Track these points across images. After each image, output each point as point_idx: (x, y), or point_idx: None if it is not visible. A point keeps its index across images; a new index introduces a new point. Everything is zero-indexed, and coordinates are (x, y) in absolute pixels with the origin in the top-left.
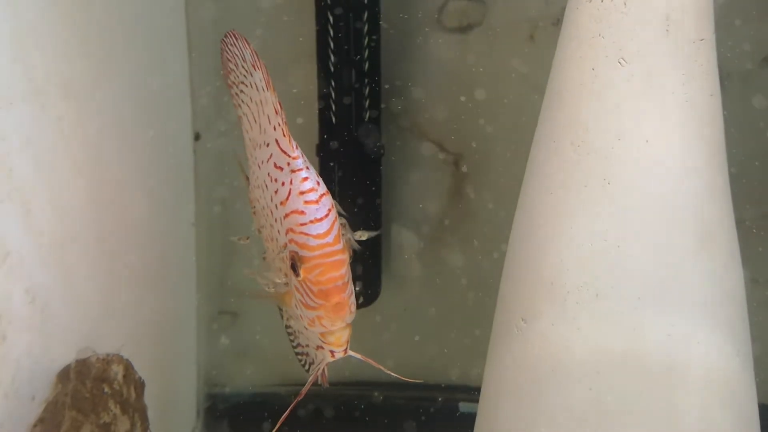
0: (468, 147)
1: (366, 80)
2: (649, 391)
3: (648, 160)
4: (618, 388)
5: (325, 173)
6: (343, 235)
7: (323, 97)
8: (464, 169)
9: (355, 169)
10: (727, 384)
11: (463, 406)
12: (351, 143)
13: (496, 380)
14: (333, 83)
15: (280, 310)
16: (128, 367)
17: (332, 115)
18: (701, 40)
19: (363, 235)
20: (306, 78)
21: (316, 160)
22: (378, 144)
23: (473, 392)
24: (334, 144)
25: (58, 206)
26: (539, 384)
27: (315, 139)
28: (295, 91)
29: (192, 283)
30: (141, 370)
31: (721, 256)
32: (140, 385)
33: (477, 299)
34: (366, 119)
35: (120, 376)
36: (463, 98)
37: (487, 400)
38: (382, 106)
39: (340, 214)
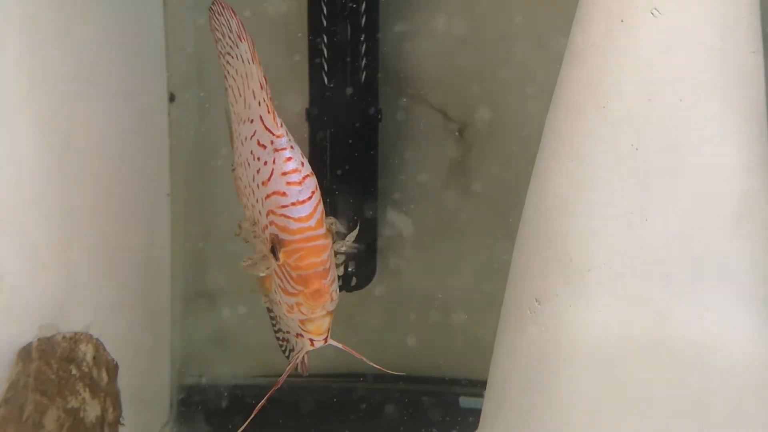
0: (475, 114)
1: (363, 37)
2: (675, 381)
3: (682, 123)
4: (641, 376)
5: (314, 140)
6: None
7: (314, 55)
8: (470, 138)
9: (349, 137)
10: (764, 373)
11: (464, 401)
12: (345, 108)
13: (505, 367)
14: (326, 39)
15: (264, 294)
16: (98, 347)
17: (324, 76)
18: None
19: (333, 224)
20: (295, 33)
21: (305, 125)
22: (375, 109)
23: (476, 386)
24: (325, 108)
25: (17, 166)
26: (554, 371)
27: (305, 102)
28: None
29: (166, 260)
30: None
31: (760, 232)
32: (113, 367)
33: (483, 282)
34: (362, 81)
35: (89, 357)
36: (470, 60)
37: (496, 389)
38: (381, 66)
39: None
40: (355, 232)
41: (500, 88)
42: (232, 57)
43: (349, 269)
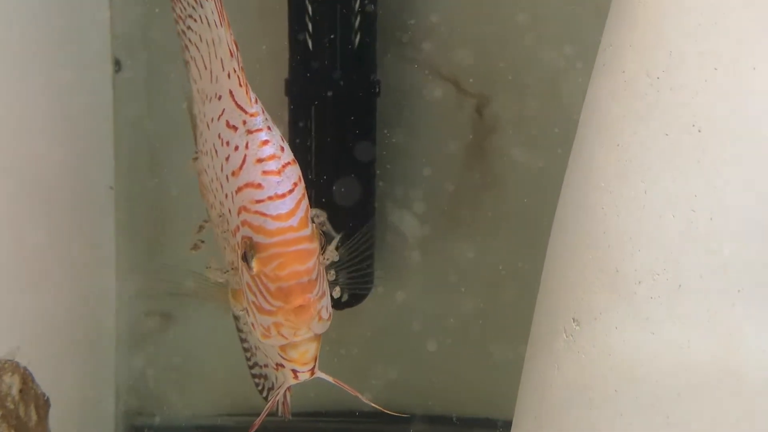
0: (497, 87)
1: None
2: (749, 420)
3: (756, 97)
4: (707, 415)
5: (297, 119)
6: (314, 220)
7: (297, 13)
8: (491, 117)
9: (340, 115)
10: None
11: None
12: (334, 79)
13: (535, 406)
14: None
15: (236, 318)
16: (26, 378)
17: (308, 39)
18: None
19: (320, 216)
20: None
21: (286, 101)
22: (372, 80)
23: (498, 427)
24: (310, 79)
25: None
26: (597, 410)
27: (284, 71)
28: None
29: (109, 269)
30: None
31: None
32: (44, 404)
33: (505, 297)
34: (356, 45)
35: (15, 390)
36: (492, 18)
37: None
38: (379, 26)
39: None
40: (335, 242)
41: (530, 53)
42: (195, 20)
43: (339, 281)
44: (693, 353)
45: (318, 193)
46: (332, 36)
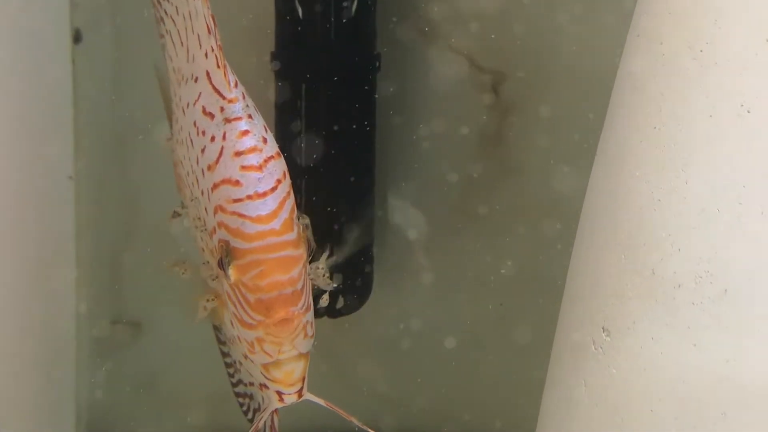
0: (514, 63)
1: None
2: None
3: None
4: None
5: (283, 102)
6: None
7: None
8: (509, 96)
9: (333, 94)
10: None
11: None
12: (327, 51)
13: (559, 427)
14: None
15: (216, 329)
16: None
17: (298, 5)
18: None
19: (304, 219)
20: None
21: (271, 77)
22: (371, 54)
23: None
24: (299, 53)
25: None
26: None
27: (270, 44)
28: None
29: (68, 271)
30: None
31: None
32: None
33: (524, 302)
34: (352, 12)
35: None
36: None
37: None
38: None
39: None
40: (325, 256)
41: (554, 24)
42: None
43: (334, 285)
44: (740, 368)
45: (309, 184)
46: (326, 2)
